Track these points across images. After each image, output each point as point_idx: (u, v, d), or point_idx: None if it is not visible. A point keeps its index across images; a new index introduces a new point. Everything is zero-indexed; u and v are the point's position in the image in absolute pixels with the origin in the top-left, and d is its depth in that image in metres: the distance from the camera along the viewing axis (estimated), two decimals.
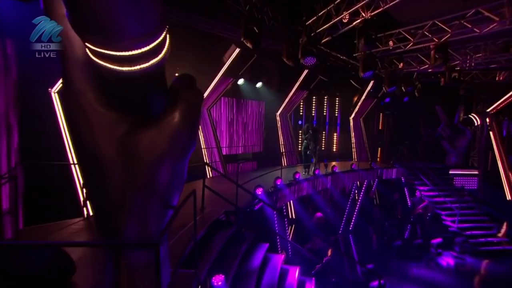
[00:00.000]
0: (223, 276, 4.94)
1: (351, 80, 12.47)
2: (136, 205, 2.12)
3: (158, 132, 2.16)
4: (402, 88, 11.89)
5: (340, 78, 13.82)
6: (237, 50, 11.23)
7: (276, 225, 10.60)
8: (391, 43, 9.21)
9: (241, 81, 12.84)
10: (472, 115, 15.91)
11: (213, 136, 12.31)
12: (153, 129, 2.16)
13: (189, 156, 2.72)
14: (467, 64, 11.17)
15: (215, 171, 11.85)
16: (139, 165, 2.09)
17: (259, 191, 8.35)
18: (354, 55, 10.02)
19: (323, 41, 8.74)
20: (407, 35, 8.97)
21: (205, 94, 11.56)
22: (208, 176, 11.33)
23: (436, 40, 8.61)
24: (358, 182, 14.39)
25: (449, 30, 8.21)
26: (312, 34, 8.25)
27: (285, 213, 11.76)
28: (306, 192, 11.02)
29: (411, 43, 9.09)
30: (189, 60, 10.29)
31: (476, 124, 16.04)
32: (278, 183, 9.52)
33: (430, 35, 8.58)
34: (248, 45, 8.64)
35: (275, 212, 9.45)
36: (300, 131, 11.96)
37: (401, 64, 11.14)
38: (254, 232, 7.87)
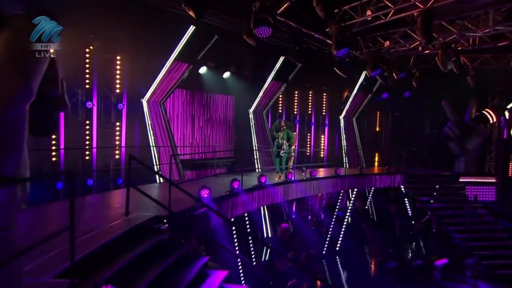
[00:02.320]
0: None
1: (334, 68, 11.96)
2: None
3: None
4: (394, 75, 11.40)
5: (327, 69, 13.35)
6: (192, 27, 10.84)
7: (235, 239, 9.92)
8: (369, 12, 8.73)
9: (203, 70, 12.43)
10: (486, 111, 15.42)
11: (167, 136, 11.80)
12: None
13: (25, 106, 2.21)
14: (470, 42, 10.63)
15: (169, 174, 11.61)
16: None
17: (204, 193, 7.74)
18: (326, 29, 9.53)
19: (282, 7, 8.26)
20: (387, 2, 8.50)
21: (155, 82, 11.12)
22: (158, 182, 10.73)
23: (422, 6, 8.13)
24: (350, 191, 13.80)
25: None
26: None
27: (247, 224, 11.05)
28: (273, 200, 10.48)
29: (392, 11, 8.60)
30: (133, 40, 9.93)
31: (491, 121, 15.53)
32: (235, 186, 8.89)
33: (413, 0, 8.10)
34: (191, 13, 8.18)
35: (231, 221, 8.76)
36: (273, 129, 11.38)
37: (387, 42, 10.66)
38: (192, 242, 7.35)
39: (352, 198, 13.65)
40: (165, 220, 6.25)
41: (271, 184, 10.22)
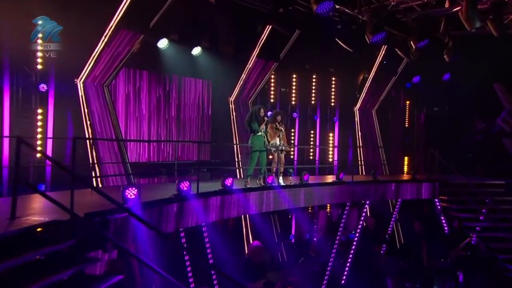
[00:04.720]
0: None
1: (337, 40, 11.44)
2: None
3: None
4: (411, 43, 10.81)
5: (333, 44, 12.91)
6: None
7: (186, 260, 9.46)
8: None
9: (163, 44, 12.17)
10: None
11: (112, 128, 11.64)
12: None
13: None
14: None
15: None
16: None
17: (129, 194, 7.33)
18: None
19: None
20: None
21: (93, 57, 10.87)
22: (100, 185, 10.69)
23: None
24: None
25: None
26: None
27: (206, 238, 10.52)
28: (243, 211, 9.98)
29: None
30: (64, 3, 9.63)
31: None
32: (184, 188, 8.40)
33: None
34: None
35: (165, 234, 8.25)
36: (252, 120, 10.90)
37: None
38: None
39: (363, 213, 13.19)
40: (39, 229, 5.83)
41: (239, 189, 9.69)
